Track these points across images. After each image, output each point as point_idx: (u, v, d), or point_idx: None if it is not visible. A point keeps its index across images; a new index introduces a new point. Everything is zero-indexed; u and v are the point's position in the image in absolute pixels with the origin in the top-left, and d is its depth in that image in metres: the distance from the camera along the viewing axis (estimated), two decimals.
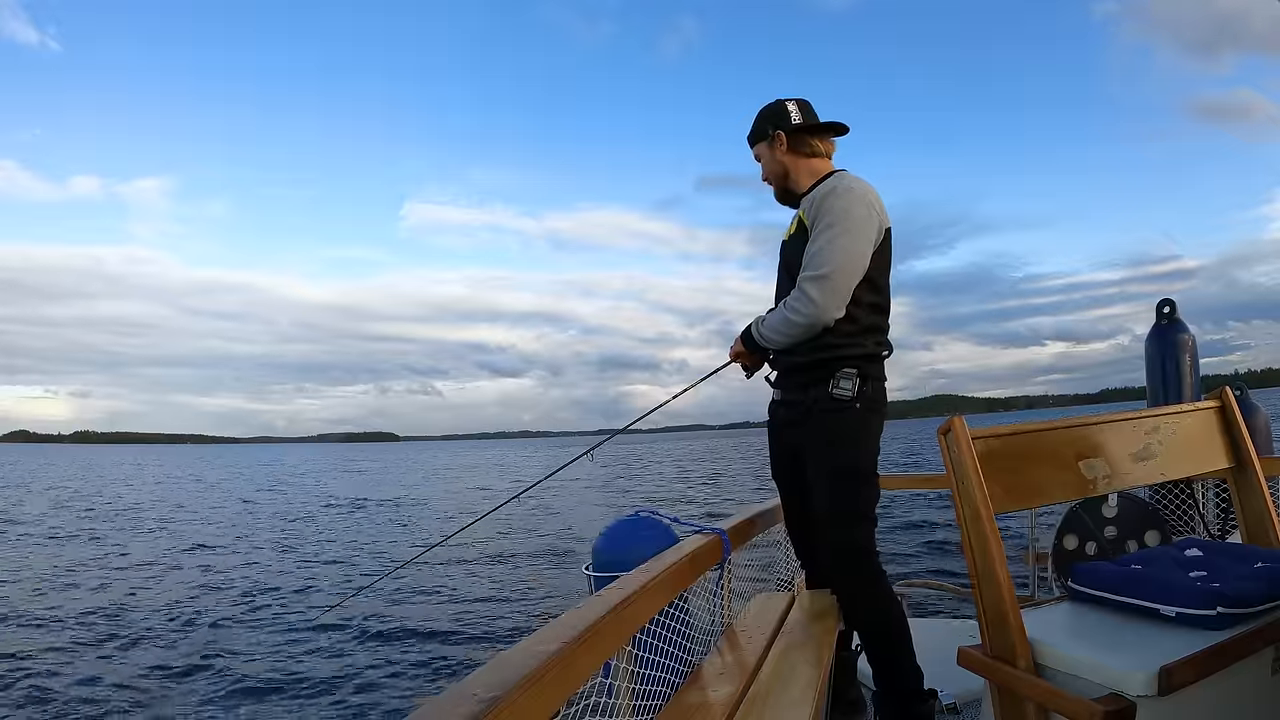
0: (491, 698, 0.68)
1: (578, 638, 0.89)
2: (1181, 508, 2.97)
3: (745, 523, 2.12)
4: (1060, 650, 1.23)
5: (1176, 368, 3.29)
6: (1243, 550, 1.51)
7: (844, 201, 1.81)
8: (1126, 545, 2.73)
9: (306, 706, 5.00)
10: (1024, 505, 1.46)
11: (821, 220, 1.81)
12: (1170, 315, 3.37)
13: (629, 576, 1.29)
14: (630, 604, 1.11)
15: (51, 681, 5.51)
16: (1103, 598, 1.38)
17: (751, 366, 2.14)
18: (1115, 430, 1.51)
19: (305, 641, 6.58)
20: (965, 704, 2.15)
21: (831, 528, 1.86)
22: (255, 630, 7.01)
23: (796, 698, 1.41)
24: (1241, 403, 2.17)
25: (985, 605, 1.33)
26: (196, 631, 7.00)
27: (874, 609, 1.86)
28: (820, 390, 1.88)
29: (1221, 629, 1.18)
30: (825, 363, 1.88)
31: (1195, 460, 1.63)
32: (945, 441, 1.39)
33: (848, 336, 1.86)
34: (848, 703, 2.17)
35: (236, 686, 5.39)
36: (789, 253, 1.97)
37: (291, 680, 5.50)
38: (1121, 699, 1.09)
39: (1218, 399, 1.69)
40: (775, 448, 2.12)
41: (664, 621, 1.46)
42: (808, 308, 1.79)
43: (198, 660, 6.07)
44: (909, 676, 1.85)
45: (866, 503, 1.86)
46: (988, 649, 1.33)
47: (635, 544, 1.70)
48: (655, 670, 1.42)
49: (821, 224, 1.81)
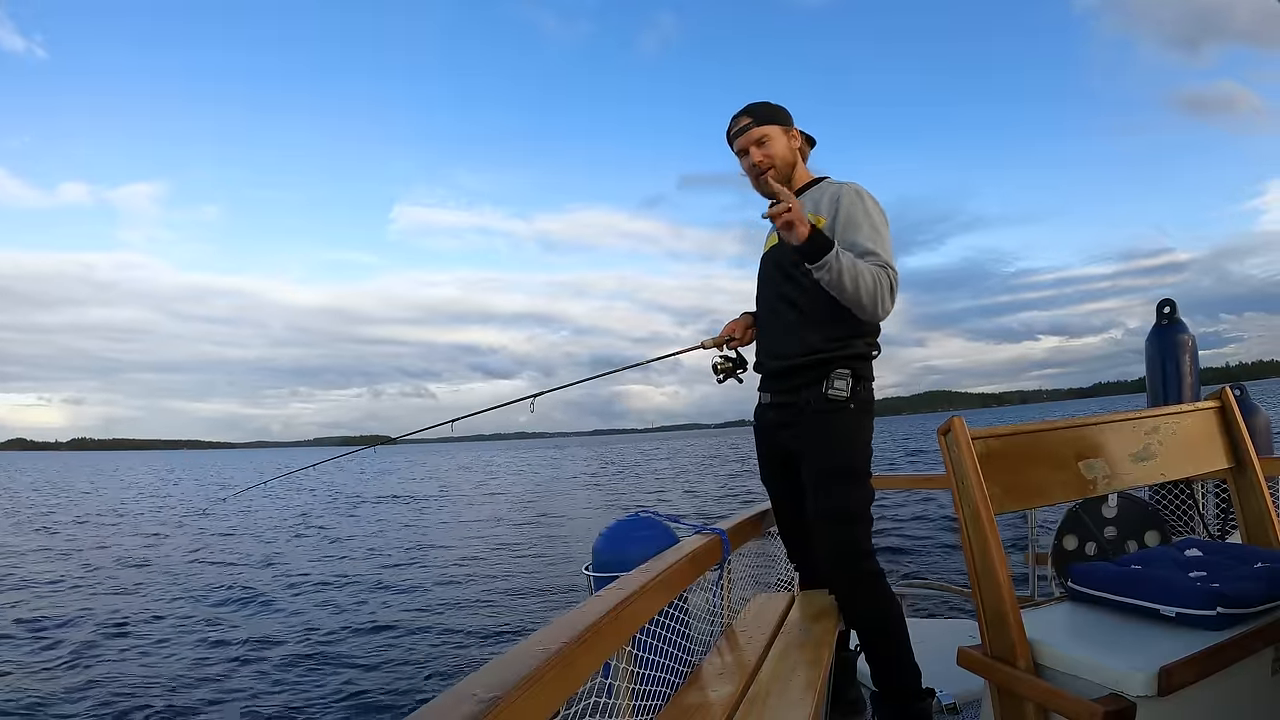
0: (491, 698, 0.68)
1: (578, 638, 0.89)
2: (1181, 508, 2.97)
3: (745, 523, 2.12)
4: (1060, 650, 1.23)
5: (1177, 368, 3.29)
6: (1243, 550, 1.51)
7: (876, 207, 1.87)
8: (1126, 545, 2.73)
9: (306, 707, 5.00)
10: (1024, 505, 1.46)
11: (865, 220, 1.83)
12: (1170, 315, 3.38)
13: (629, 576, 1.29)
14: (630, 604, 1.11)
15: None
16: (1102, 598, 1.38)
17: (725, 372, 2.14)
18: (1115, 430, 1.52)
19: (300, 642, 6.58)
20: (965, 704, 2.15)
21: (828, 528, 1.86)
22: (254, 630, 7.01)
23: (796, 698, 1.40)
24: (1241, 403, 2.17)
25: (985, 605, 1.33)
26: (194, 630, 7.01)
27: (872, 609, 1.87)
28: (814, 391, 1.88)
29: (1221, 629, 1.18)
30: (819, 364, 1.88)
31: (1195, 460, 1.63)
32: (945, 442, 1.39)
33: (841, 338, 1.86)
34: (847, 703, 2.17)
35: (234, 686, 5.39)
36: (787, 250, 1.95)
37: (291, 680, 5.50)
38: (1121, 699, 1.09)
39: (1218, 399, 1.69)
40: (765, 451, 2.11)
41: (664, 622, 1.46)
42: (889, 294, 1.78)
43: (196, 660, 6.07)
44: (908, 676, 1.86)
45: (862, 503, 1.87)
46: (987, 649, 1.33)
47: (635, 544, 1.70)
48: (655, 670, 1.42)
49: (866, 224, 1.83)
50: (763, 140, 1.97)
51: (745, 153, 1.99)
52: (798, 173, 2.03)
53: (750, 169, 2.00)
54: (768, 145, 1.97)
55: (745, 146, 1.98)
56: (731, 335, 2.14)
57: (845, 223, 1.85)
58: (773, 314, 2.02)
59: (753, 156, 1.97)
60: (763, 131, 1.97)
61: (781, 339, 1.97)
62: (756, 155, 1.97)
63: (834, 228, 1.86)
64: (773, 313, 2.02)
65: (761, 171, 1.97)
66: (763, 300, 2.09)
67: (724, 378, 2.15)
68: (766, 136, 1.97)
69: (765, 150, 1.97)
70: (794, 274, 1.92)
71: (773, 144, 1.98)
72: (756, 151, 1.97)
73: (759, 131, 1.97)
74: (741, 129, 1.99)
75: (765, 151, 1.97)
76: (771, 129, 1.98)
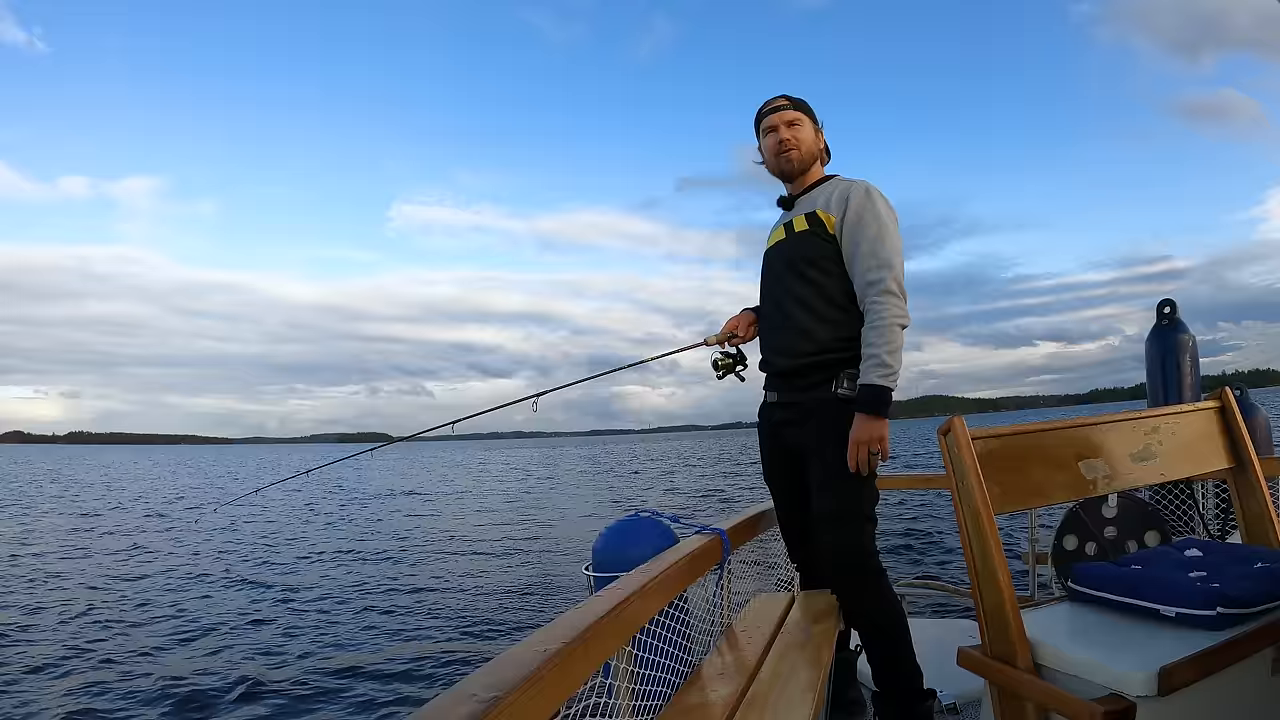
0: (491, 698, 0.68)
1: (578, 638, 0.89)
2: (1181, 508, 2.97)
3: (745, 523, 2.12)
4: (1060, 651, 1.23)
5: (1177, 368, 3.30)
6: (1243, 550, 1.51)
7: (886, 206, 1.87)
8: (1126, 545, 2.73)
9: (306, 707, 4.99)
10: (1024, 505, 1.46)
11: (874, 220, 1.84)
12: (1171, 316, 3.38)
13: (629, 576, 1.29)
14: (630, 604, 1.11)
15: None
16: (1102, 598, 1.38)
17: (725, 369, 2.13)
18: (1115, 430, 1.52)
19: (303, 642, 6.58)
20: (965, 704, 2.15)
21: (834, 528, 1.85)
22: (250, 630, 7.01)
23: (796, 698, 1.40)
24: (1241, 403, 2.17)
25: (985, 605, 1.33)
26: (193, 629, 7.00)
27: (875, 609, 1.86)
28: (824, 391, 1.88)
29: (1221, 629, 1.18)
30: (828, 364, 1.88)
31: (1195, 460, 1.63)
32: (945, 442, 1.39)
33: (850, 338, 1.86)
34: (848, 703, 2.17)
35: (232, 687, 5.39)
36: (801, 246, 1.94)
37: (291, 681, 5.50)
38: (1121, 699, 1.09)
39: (1218, 399, 1.69)
40: (770, 449, 2.10)
41: (664, 622, 1.45)
42: (904, 312, 1.80)
43: (193, 658, 6.07)
44: (909, 676, 1.85)
45: (868, 503, 1.87)
46: (988, 649, 1.33)
47: (635, 544, 1.69)
48: (655, 670, 1.41)
49: (875, 224, 1.84)
50: (794, 123, 2.00)
51: (774, 130, 2.00)
52: (814, 168, 2.04)
53: (774, 145, 2.01)
54: (798, 129, 2.00)
55: (776, 124, 2.00)
56: (734, 332, 2.14)
57: (853, 223, 1.85)
58: (781, 312, 1.99)
59: (781, 133, 1.99)
60: (797, 116, 2.00)
61: (790, 337, 1.95)
62: (785, 133, 1.99)
63: (842, 227, 1.87)
64: (781, 311, 1.99)
65: (786, 150, 1.99)
66: (769, 297, 2.06)
67: (724, 374, 2.15)
68: (799, 121, 2.00)
69: (794, 132, 1.99)
70: (805, 272, 1.92)
71: (803, 130, 2.00)
72: (786, 130, 1.99)
73: (793, 114, 2.00)
74: (777, 107, 2.01)
75: (794, 133, 1.99)
76: (805, 118, 2.01)
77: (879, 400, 1.74)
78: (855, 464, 1.77)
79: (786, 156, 1.99)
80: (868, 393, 1.75)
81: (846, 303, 1.88)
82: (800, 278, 1.93)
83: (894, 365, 1.75)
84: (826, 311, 1.89)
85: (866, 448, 1.76)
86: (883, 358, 1.75)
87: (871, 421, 1.75)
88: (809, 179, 2.03)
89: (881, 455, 1.78)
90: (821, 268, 1.90)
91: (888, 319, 1.77)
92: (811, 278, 1.90)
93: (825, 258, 1.90)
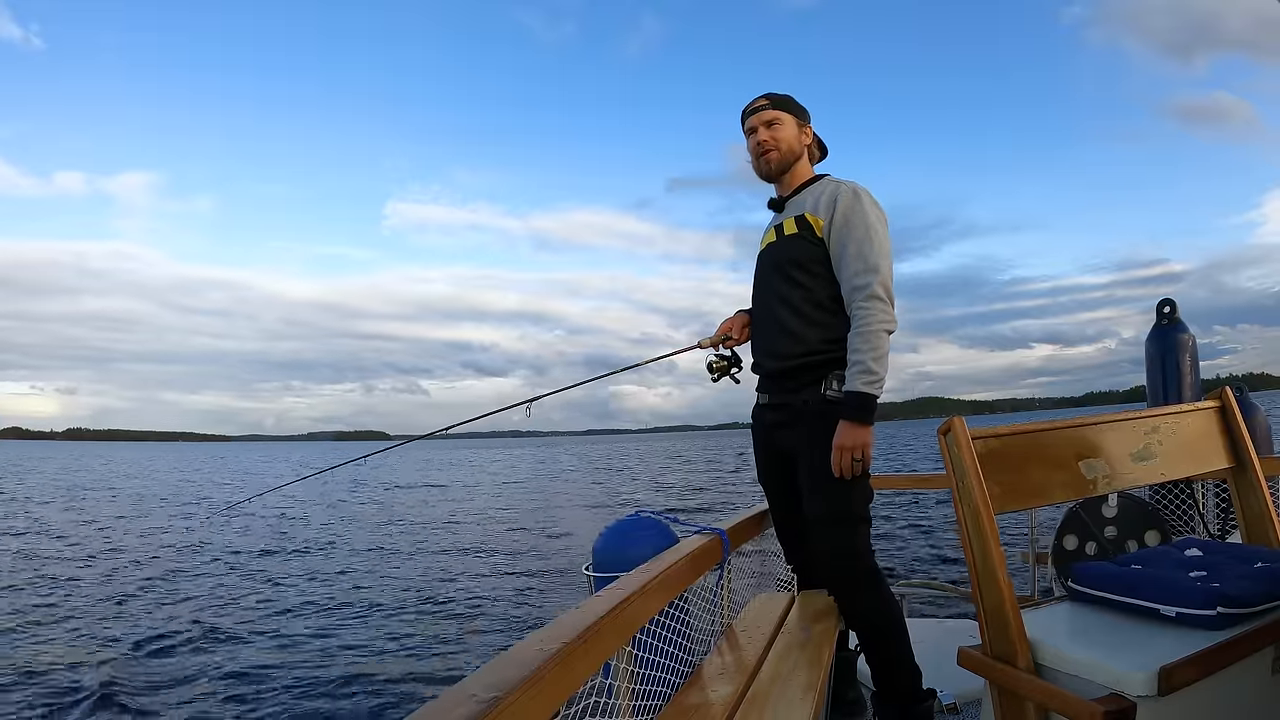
0: (491, 698, 0.68)
1: (578, 638, 0.89)
2: (1181, 508, 2.97)
3: (745, 523, 2.12)
4: (1060, 650, 1.23)
5: (1177, 368, 3.30)
6: (1243, 550, 1.51)
7: (875, 208, 1.86)
8: (1126, 545, 2.73)
9: (305, 708, 4.99)
10: (1024, 505, 1.46)
11: (861, 222, 1.83)
12: (1170, 315, 3.38)
13: (629, 576, 1.29)
14: (630, 604, 1.11)
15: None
16: (1103, 598, 1.38)
17: (720, 371, 2.13)
18: (1115, 430, 1.51)
19: (302, 642, 6.58)
20: (965, 704, 2.15)
21: (828, 529, 1.85)
22: (250, 629, 7.01)
23: (796, 698, 1.40)
24: (1241, 403, 2.17)
25: (985, 605, 1.33)
26: (190, 628, 7.00)
27: (871, 610, 1.86)
28: (813, 392, 1.88)
29: (1221, 629, 1.18)
30: (818, 365, 1.88)
31: (1195, 460, 1.63)
32: (945, 441, 1.39)
33: (839, 339, 1.86)
34: (847, 703, 2.17)
35: (231, 687, 5.39)
36: (789, 249, 1.94)
37: (290, 681, 5.50)
38: (1121, 699, 1.09)
39: (1218, 399, 1.69)
40: (763, 451, 2.10)
41: (664, 622, 1.45)
42: (891, 317, 1.80)
43: (190, 657, 6.07)
44: (908, 677, 1.85)
45: (861, 503, 1.86)
46: (988, 649, 1.33)
47: (635, 544, 1.69)
48: (655, 670, 1.41)
49: (861, 227, 1.83)
50: (773, 123, 1.99)
51: (754, 131, 2.01)
52: (800, 167, 2.03)
53: (754, 147, 2.02)
54: (777, 129, 1.99)
55: (755, 125, 2.00)
56: (728, 334, 2.14)
57: (841, 225, 1.84)
58: (770, 314, 1.99)
59: (759, 135, 1.99)
60: (776, 115, 2.00)
61: (779, 340, 1.95)
62: (764, 134, 1.99)
63: (830, 229, 1.86)
64: (770, 313, 1.99)
65: (764, 151, 1.99)
66: (759, 300, 2.07)
67: (719, 376, 2.15)
68: (779, 121, 1.99)
69: (774, 133, 1.99)
70: (792, 274, 1.92)
71: (783, 130, 1.99)
72: (764, 131, 1.99)
73: (772, 114, 2.00)
74: (757, 108, 2.01)
75: (773, 134, 1.99)
76: (785, 116, 2.00)
77: (864, 407, 1.75)
78: (839, 469, 1.77)
79: (765, 159, 2.00)
80: (853, 399, 1.76)
81: (835, 306, 1.88)
82: (788, 280, 1.93)
83: (879, 372, 1.76)
84: (814, 314, 1.89)
85: (850, 454, 1.76)
86: (868, 364, 1.76)
87: (855, 428, 1.76)
88: (797, 179, 2.02)
89: (864, 462, 1.78)
90: (810, 270, 1.90)
91: (874, 324, 1.77)
92: (799, 280, 1.90)
93: (813, 260, 1.89)
